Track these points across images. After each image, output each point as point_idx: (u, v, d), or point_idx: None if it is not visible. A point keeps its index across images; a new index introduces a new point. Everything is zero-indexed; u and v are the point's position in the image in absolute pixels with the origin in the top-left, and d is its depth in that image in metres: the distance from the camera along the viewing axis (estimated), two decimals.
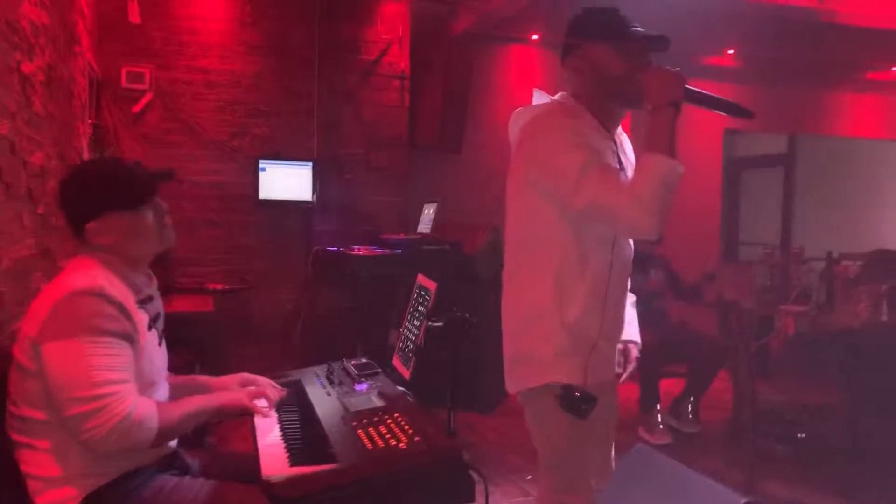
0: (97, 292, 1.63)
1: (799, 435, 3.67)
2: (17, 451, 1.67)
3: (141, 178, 1.81)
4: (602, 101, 1.87)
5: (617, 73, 1.83)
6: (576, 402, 1.72)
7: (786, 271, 5.23)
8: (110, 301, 1.64)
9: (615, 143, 1.89)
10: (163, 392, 1.88)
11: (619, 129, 1.98)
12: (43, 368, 1.60)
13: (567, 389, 1.73)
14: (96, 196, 1.75)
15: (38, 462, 1.66)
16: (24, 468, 1.67)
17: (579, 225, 1.78)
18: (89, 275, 1.67)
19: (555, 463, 1.91)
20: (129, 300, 1.72)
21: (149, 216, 1.79)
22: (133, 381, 1.65)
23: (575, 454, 1.87)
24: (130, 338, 1.68)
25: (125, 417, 1.58)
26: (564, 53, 1.94)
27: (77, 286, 1.63)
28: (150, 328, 1.79)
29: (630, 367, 2.06)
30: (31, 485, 1.66)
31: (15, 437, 1.67)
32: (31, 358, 1.62)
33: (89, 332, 1.60)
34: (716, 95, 1.80)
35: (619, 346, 2.01)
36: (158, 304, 1.89)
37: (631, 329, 2.10)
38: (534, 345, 1.84)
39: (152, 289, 1.86)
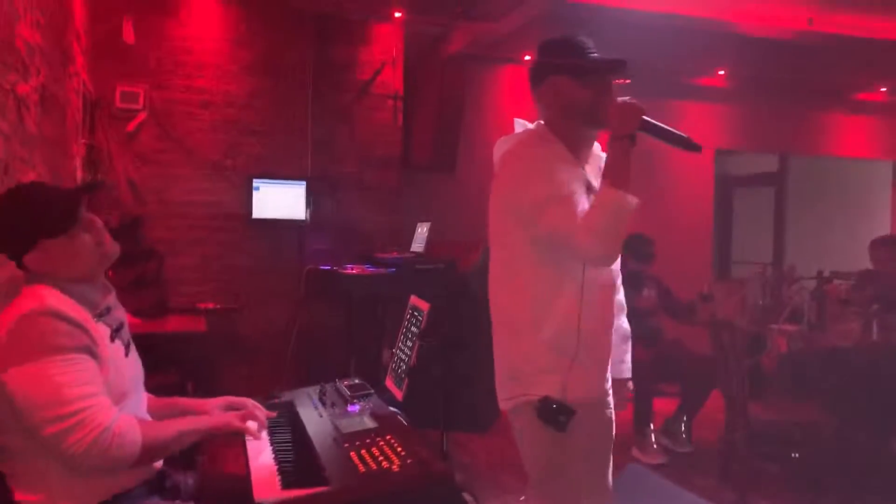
0: (47, 311, 1.61)
1: (792, 454, 3.66)
2: (4, 482, 1.66)
3: (62, 199, 1.75)
4: (571, 127, 1.97)
5: (580, 99, 1.93)
6: (552, 413, 1.80)
7: (778, 290, 5.25)
8: (62, 317, 1.61)
9: (585, 168, 1.99)
10: (140, 403, 1.86)
11: (596, 149, 2.07)
12: (10, 395, 1.58)
13: (544, 401, 1.82)
14: (24, 227, 1.70)
15: (22, 489, 1.64)
16: (15, 496, 1.65)
17: (548, 248, 1.88)
18: (37, 297, 1.64)
19: (540, 478, 1.95)
20: (84, 315, 1.69)
21: (83, 236, 1.74)
22: (105, 394, 1.63)
23: (560, 470, 1.91)
24: (91, 351, 1.65)
25: (105, 430, 1.56)
26: (531, 84, 2.04)
27: (25, 309, 1.61)
28: (112, 339, 1.76)
29: (626, 404, 2.17)
30: None
31: None
32: None
33: (49, 352, 1.58)
34: (670, 128, 1.90)
35: (613, 383, 2.05)
36: (120, 315, 1.86)
37: (624, 367, 2.16)
38: (516, 362, 1.93)
39: (110, 300, 1.82)
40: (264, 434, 1.96)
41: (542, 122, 2.03)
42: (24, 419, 1.58)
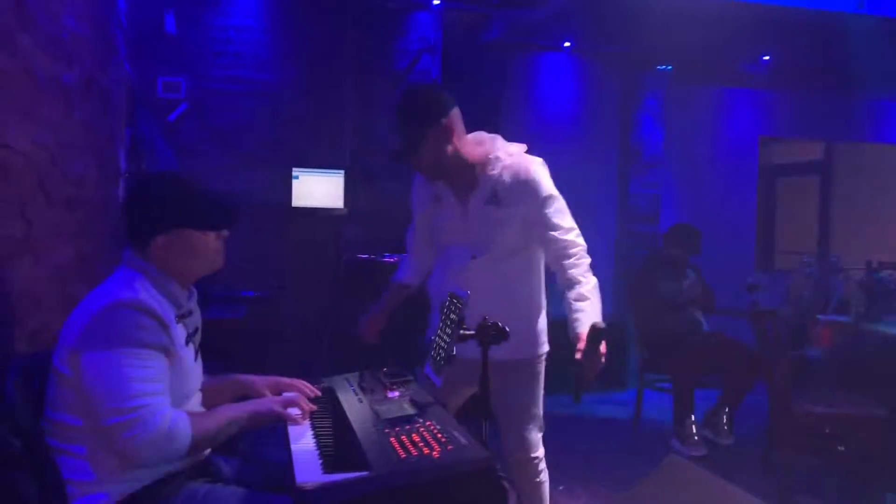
0: (137, 304, 1.66)
1: (838, 448, 3.58)
2: (56, 457, 1.70)
3: (228, 200, 1.89)
4: None
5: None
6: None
7: (824, 280, 5.13)
8: (149, 313, 1.67)
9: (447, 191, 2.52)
10: (195, 405, 1.90)
11: (492, 163, 2.44)
12: (80, 377, 1.63)
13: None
14: (175, 211, 1.77)
15: (74, 467, 1.68)
16: (63, 473, 1.69)
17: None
18: (131, 287, 1.70)
19: (540, 408, 2.58)
20: (169, 314, 1.74)
21: (216, 242, 1.85)
22: (167, 393, 1.68)
23: None
24: (167, 350, 1.70)
25: (159, 429, 1.60)
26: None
27: (117, 297, 1.66)
28: (187, 343, 1.81)
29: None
30: (69, 489, 1.68)
31: (51, 442, 1.70)
32: (68, 365, 1.65)
33: (127, 344, 1.62)
34: None
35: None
36: (197, 319, 1.92)
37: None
38: (537, 328, 2.58)
39: (192, 303, 1.89)
40: (305, 419, 1.97)
41: None
42: (87, 402, 1.62)
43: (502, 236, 2.44)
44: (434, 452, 1.61)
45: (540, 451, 2.59)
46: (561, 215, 2.45)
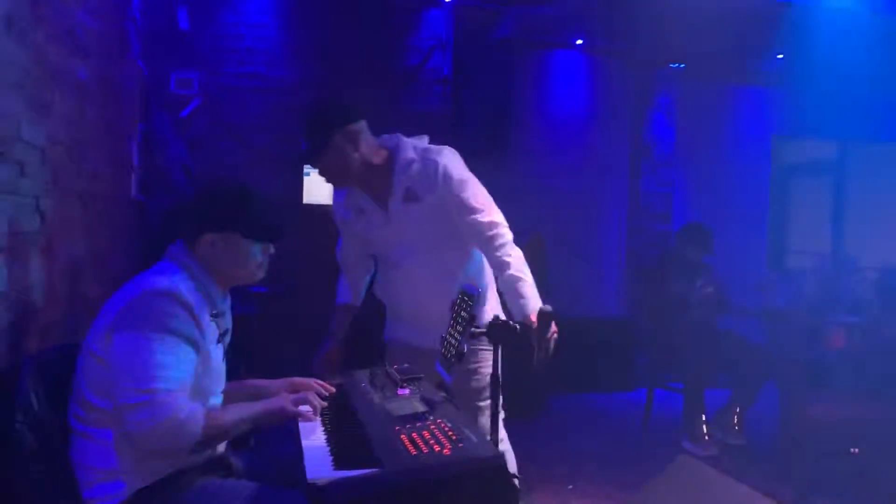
0: (173, 294, 1.71)
1: (852, 450, 3.55)
2: (73, 440, 1.72)
3: (277, 222, 1.99)
4: None
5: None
6: None
7: (838, 280, 5.09)
8: (184, 305, 1.71)
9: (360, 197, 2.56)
10: (217, 403, 1.91)
11: (400, 162, 2.48)
12: (109, 357, 1.66)
13: None
14: (233, 215, 1.86)
15: (95, 453, 1.69)
16: (76, 457, 1.71)
17: None
18: (171, 278, 1.75)
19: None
20: (203, 310, 1.79)
21: (261, 255, 1.92)
22: (188, 385, 1.69)
23: None
24: (197, 344, 1.74)
25: (170, 418, 1.61)
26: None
27: (155, 285, 1.72)
28: (217, 342, 1.86)
29: None
30: (82, 475, 1.70)
31: (75, 425, 1.72)
32: (101, 346, 1.69)
33: (157, 329, 1.66)
34: None
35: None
36: (229, 322, 1.96)
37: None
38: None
39: (226, 306, 1.94)
40: (317, 416, 1.98)
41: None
42: (112, 383, 1.65)
43: (430, 229, 2.48)
44: (445, 450, 1.61)
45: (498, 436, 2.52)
46: (476, 197, 2.49)
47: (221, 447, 1.91)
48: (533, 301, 2.36)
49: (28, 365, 1.73)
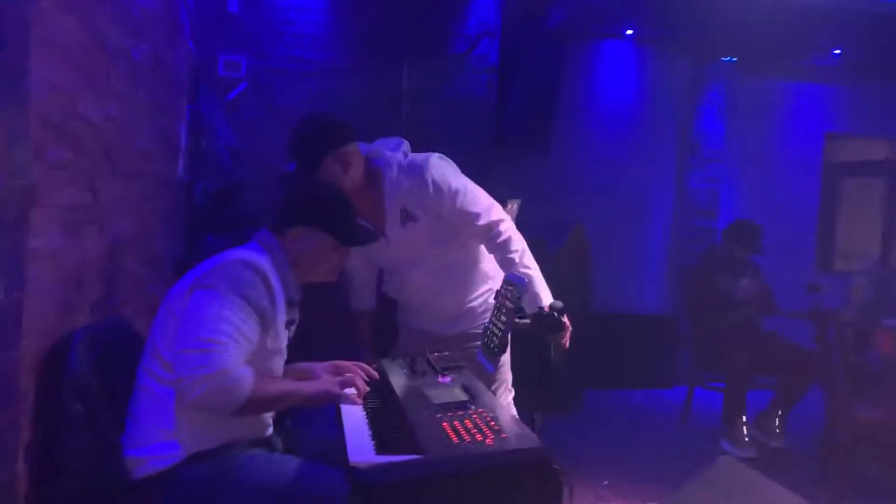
0: (257, 268, 1.80)
1: None
2: (138, 395, 1.77)
3: (364, 231, 2.14)
4: None
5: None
6: None
7: (888, 284, 4.94)
8: (264, 279, 1.80)
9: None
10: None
11: (387, 186, 2.44)
12: (183, 312, 1.73)
13: None
14: (322, 211, 1.97)
15: (156, 411, 1.74)
16: (137, 412, 1.76)
17: None
18: (255, 256, 1.84)
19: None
20: (280, 293, 1.87)
21: (338, 257, 2.02)
22: (246, 352, 1.73)
23: None
24: (266, 319, 1.79)
25: (222, 370, 1.64)
26: None
27: (241, 257, 1.83)
28: (286, 327, 1.93)
29: None
30: (140, 432, 1.74)
31: (144, 380, 1.77)
32: (181, 304, 1.76)
33: (234, 292, 1.73)
34: None
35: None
36: (296, 314, 2.02)
37: None
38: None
39: (298, 298, 2.00)
40: (360, 401, 1.98)
41: None
42: (178, 331, 1.72)
43: (433, 242, 2.47)
44: (487, 440, 1.60)
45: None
46: (470, 204, 2.45)
47: (270, 429, 1.93)
48: (543, 294, 2.37)
49: (78, 339, 1.76)
